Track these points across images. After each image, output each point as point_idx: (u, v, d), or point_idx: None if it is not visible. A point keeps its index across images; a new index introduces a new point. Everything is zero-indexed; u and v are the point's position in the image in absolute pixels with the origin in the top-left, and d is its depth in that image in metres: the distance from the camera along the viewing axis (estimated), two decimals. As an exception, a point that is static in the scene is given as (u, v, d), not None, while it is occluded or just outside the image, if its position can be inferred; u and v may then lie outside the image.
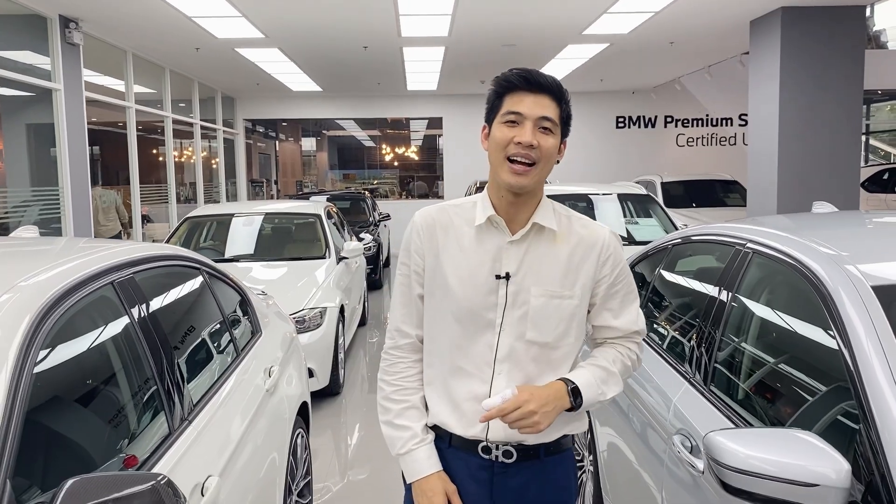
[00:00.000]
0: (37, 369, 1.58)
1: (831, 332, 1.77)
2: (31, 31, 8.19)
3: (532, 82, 1.68)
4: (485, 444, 1.73)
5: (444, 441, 1.77)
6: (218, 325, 2.88)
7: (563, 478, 1.80)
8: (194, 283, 2.80)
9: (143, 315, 2.14)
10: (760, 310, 2.30)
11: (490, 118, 1.74)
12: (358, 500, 4.20)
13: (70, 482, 1.34)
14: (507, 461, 1.73)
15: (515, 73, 1.70)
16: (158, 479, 1.42)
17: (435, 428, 1.79)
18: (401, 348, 1.83)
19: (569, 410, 1.69)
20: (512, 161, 1.66)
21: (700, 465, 1.96)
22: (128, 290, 2.11)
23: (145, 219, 12.19)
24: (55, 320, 1.71)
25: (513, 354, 1.72)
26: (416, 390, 1.81)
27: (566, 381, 1.70)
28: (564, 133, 1.73)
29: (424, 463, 1.75)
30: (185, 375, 2.28)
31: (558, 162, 1.74)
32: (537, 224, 1.73)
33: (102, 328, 1.99)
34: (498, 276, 1.72)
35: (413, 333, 1.82)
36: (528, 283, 1.72)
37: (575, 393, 1.68)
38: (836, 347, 1.73)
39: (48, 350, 1.67)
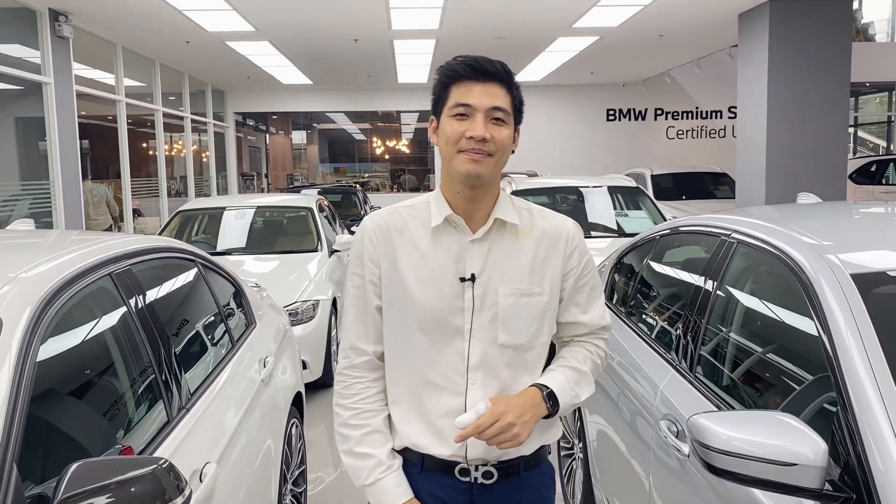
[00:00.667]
0: (39, 359, 1.61)
1: (812, 320, 1.82)
2: (20, 24, 8.17)
3: (479, 70, 1.56)
4: (463, 465, 1.61)
5: (416, 465, 1.64)
6: (213, 317, 2.92)
7: (542, 487, 1.72)
8: (190, 275, 2.83)
9: (140, 306, 2.17)
10: (744, 298, 2.35)
11: (437, 110, 1.62)
12: (351, 491, 4.24)
13: (74, 466, 1.39)
14: (486, 482, 1.62)
15: (461, 62, 1.58)
16: (160, 463, 1.46)
17: (404, 451, 1.65)
18: (357, 367, 1.67)
19: (546, 417, 1.61)
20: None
21: (685, 448, 2.02)
22: (125, 281, 2.14)
23: (136, 212, 12.17)
24: (56, 311, 1.74)
25: (486, 361, 1.61)
26: (376, 412, 1.66)
27: (540, 386, 1.61)
28: (517, 120, 1.63)
29: (394, 492, 1.60)
30: (183, 365, 2.32)
31: (513, 152, 1.64)
32: (499, 220, 1.63)
33: (101, 319, 2.03)
34: (462, 279, 1.60)
35: (370, 350, 1.67)
36: (494, 282, 1.61)
37: (550, 398, 1.60)
38: (817, 334, 1.78)
39: (50, 340, 1.70)
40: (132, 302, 2.13)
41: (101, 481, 1.39)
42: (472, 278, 1.60)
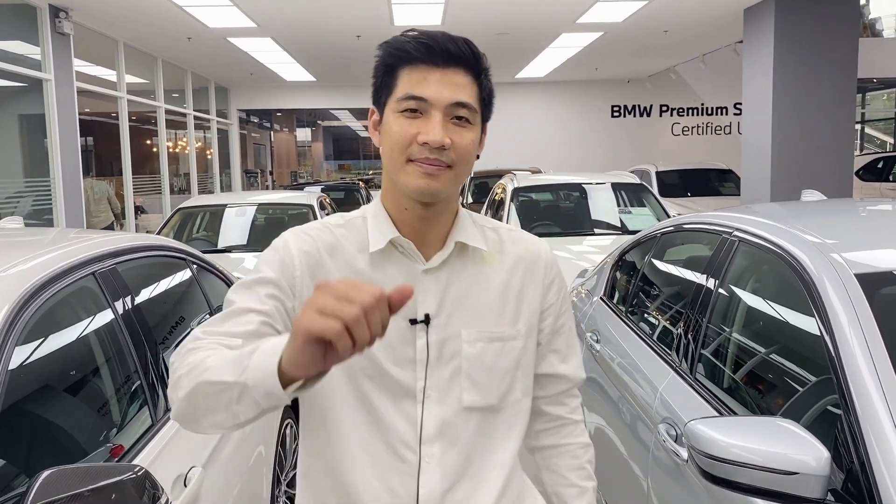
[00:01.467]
0: (16, 359, 1.57)
1: (815, 320, 1.77)
2: (20, 20, 8.14)
3: (438, 51, 1.16)
4: None
5: None
6: (206, 316, 2.87)
7: None
8: (180, 275, 2.78)
9: (126, 306, 2.13)
10: (746, 298, 2.30)
11: (379, 100, 1.24)
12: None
13: (45, 474, 1.33)
14: None
15: (413, 38, 1.17)
16: (135, 470, 1.42)
17: None
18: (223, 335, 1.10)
19: None
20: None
21: (684, 453, 1.96)
22: (110, 280, 2.10)
23: (139, 209, 12.15)
24: (35, 310, 1.70)
25: (447, 430, 1.21)
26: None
27: None
28: (486, 116, 1.24)
29: (279, 338, 0.97)
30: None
31: (478, 157, 1.24)
32: (460, 243, 1.24)
33: (83, 319, 1.98)
34: (413, 321, 1.20)
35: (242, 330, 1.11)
36: (456, 325, 1.22)
37: None
38: (820, 335, 1.73)
39: (27, 340, 1.66)
40: (117, 302, 2.09)
41: (73, 489, 1.34)
42: (426, 320, 1.21)
